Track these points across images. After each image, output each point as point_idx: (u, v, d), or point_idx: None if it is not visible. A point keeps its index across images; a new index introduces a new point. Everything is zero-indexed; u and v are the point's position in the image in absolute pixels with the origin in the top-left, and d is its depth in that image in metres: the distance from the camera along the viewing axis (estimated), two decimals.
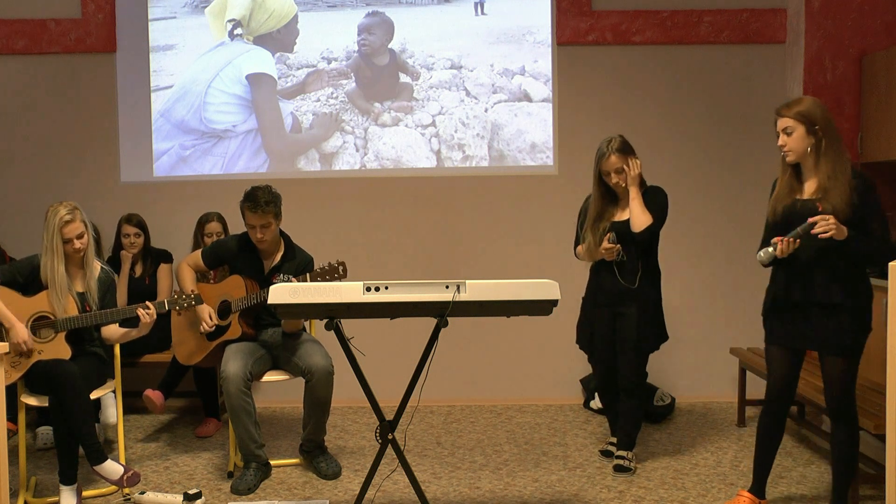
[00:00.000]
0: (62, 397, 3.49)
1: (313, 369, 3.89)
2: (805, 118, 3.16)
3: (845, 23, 5.00)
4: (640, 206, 3.84)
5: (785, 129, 3.20)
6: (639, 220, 3.83)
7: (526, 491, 3.81)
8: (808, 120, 3.16)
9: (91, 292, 3.78)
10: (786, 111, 3.20)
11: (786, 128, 3.19)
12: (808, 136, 3.17)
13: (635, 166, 3.87)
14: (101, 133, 5.38)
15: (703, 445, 4.43)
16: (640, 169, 3.88)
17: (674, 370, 5.27)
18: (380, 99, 5.36)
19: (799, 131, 3.17)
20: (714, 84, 5.30)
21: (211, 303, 4.11)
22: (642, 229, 3.82)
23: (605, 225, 3.92)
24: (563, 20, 5.29)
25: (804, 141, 3.17)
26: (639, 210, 3.83)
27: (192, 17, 5.39)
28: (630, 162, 3.87)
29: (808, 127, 3.16)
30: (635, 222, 3.84)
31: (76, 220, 3.68)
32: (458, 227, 5.38)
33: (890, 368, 2.67)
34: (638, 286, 3.90)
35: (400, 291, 2.99)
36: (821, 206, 3.13)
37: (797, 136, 3.17)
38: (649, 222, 3.83)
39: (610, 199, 3.98)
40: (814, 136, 3.16)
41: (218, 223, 4.99)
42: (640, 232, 3.82)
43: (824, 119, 3.17)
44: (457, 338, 4.39)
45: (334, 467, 4.02)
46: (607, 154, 3.86)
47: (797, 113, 3.17)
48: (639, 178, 3.88)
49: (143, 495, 3.66)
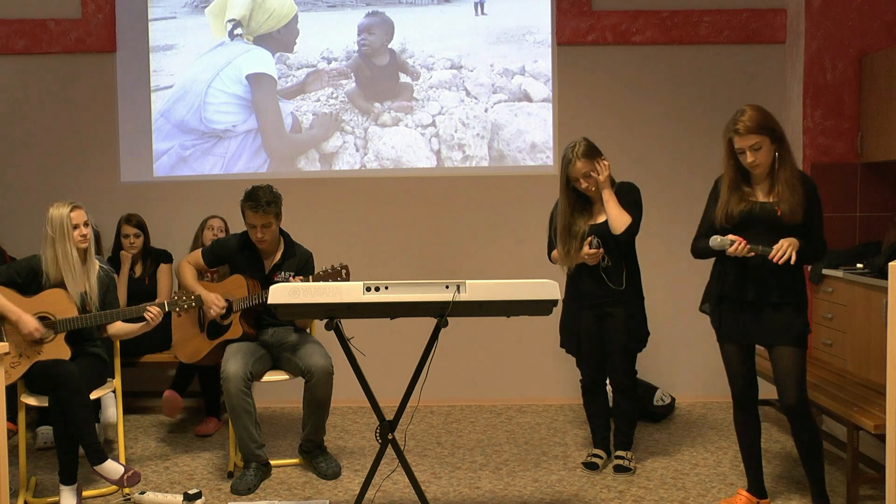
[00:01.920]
0: (62, 397, 3.49)
1: (313, 369, 3.89)
2: (768, 130, 3.22)
3: (845, 23, 5.00)
4: (616, 207, 3.80)
5: (752, 146, 3.21)
6: (618, 222, 3.79)
7: (526, 491, 3.81)
8: (770, 131, 3.23)
9: (91, 291, 3.78)
10: (748, 128, 3.20)
11: (753, 144, 3.21)
12: (773, 145, 3.24)
13: (604, 168, 3.82)
14: (101, 133, 5.38)
15: (703, 445, 4.43)
16: (608, 170, 3.84)
17: (674, 370, 5.27)
18: (380, 99, 5.36)
19: (766, 144, 3.22)
20: (714, 84, 5.30)
21: None
22: (623, 230, 3.79)
23: (582, 230, 3.85)
24: (563, 20, 5.29)
25: (771, 152, 3.24)
26: (616, 211, 3.79)
27: (192, 17, 5.39)
28: (598, 165, 3.82)
29: (771, 138, 3.23)
30: (615, 224, 3.79)
31: (81, 208, 3.75)
32: (458, 227, 5.38)
33: (890, 368, 2.67)
34: (624, 287, 3.87)
35: (400, 291, 2.99)
36: (779, 209, 3.22)
37: (765, 150, 3.23)
38: (629, 222, 3.79)
39: (582, 205, 3.91)
40: (776, 144, 3.24)
41: (221, 221, 5.01)
42: (622, 233, 3.79)
43: (777, 124, 3.26)
44: (457, 338, 4.39)
45: (334, 467, 4.03)
46: (573, 160, 3.80)
47: (760, 127, 3.20)
48: (609, 180, 3.84)
49: (143, 495, 3.66)
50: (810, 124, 5.05)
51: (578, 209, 3.90)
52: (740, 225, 3.29)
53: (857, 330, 4.48)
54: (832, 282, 4.75)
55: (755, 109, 3.25)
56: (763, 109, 3.27)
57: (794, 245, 3.16)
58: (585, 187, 3.84)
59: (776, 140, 3.24)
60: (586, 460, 4.10)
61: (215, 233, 4.94)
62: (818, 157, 5.05)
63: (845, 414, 3.50)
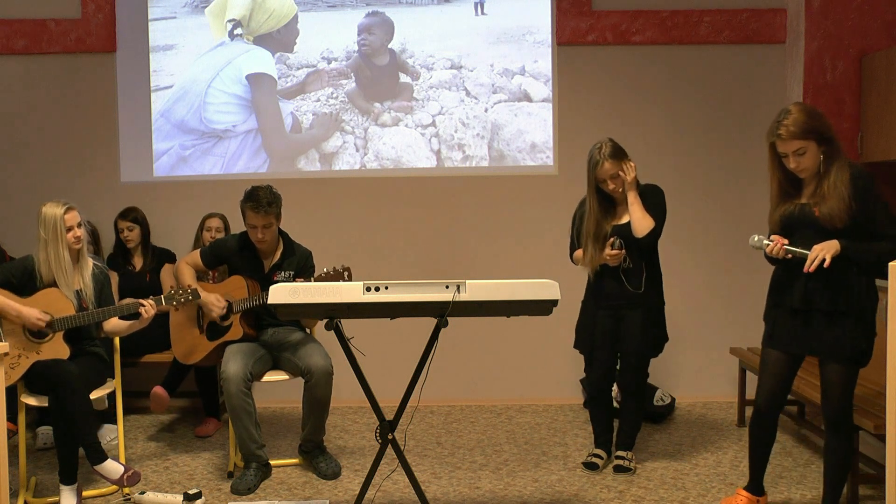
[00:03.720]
0: (62, 397, 3.49)
1: (313, 369, 3.89)
2: (814, 133, 3.06)
3: (845, 23, 5.00)
4: (640, 210, 3.77)
5: (796, 151, 3.07)
6: (641, 225, 3.76)
7: (526, 491, 3.81)
8: (817, 134, 3.07)
9: (86, 289, 3.78)
10: (792, 133, 3.05)
11: (797, 150, 3.07)
12: (819, 147, 3.08)
13: (630, 170, 3.80)
14: (101, 133, 5.38)
15: (703, 445, 4.43)
16: (635, 172, 3.81)
17: (674, 370, 5.27)
18: (380, 99, 5.36)
19: (811, 149, 3.07)
20: (714, 84, 5.30)
21: None
22: (646, 234, 3.75)
23: (605, 231, 3.83)
24: (563, 20, 5.29)
25: (817, 155, 3.09)
26: (640, 214, 3.76)
27: (192, 17, 5.39)
28: (625, 166, 3.79)
29: (818, 141, 3.08)
30: (637, 227, 3.76)
31: (74, 210, 3.74)
32: (458, 227, 5.38)
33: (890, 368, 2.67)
34: (643, 290, 3.85)
35: (400, 291, 2.99)
36: (817, 210, 3.09)
37: (811, 154, 3.08)
38: (652, 226, 3.76)
39: (607, 205, 3.90)
40: (824, 146, 3.09)
41: (219, 220, 5.00)
42: (644, 237, 3.76)
43: (825, 125, 3.10)
44: (457, 338, 4.39)
45: (334, 467, 4.02)
46: (601, 161, 3.77)
47: (804, 131, 3.05)
48: (635, 183, 3.82)
49: (143, 495, 3.66)
50: None
51: (602, 210, 3.87)
52: (786, 229, 3.17)
53: None
54: None
55: (801, 111, 3.09)
56: (809, 109, 3.11)
57: (832, 249, 2.99)
58: (613, 188, 3.81)
59: (823, 142, 3.07)
60: (586, 460, 4.09)
61: (213, 234, 4.93)
62: None
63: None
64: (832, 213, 3.05)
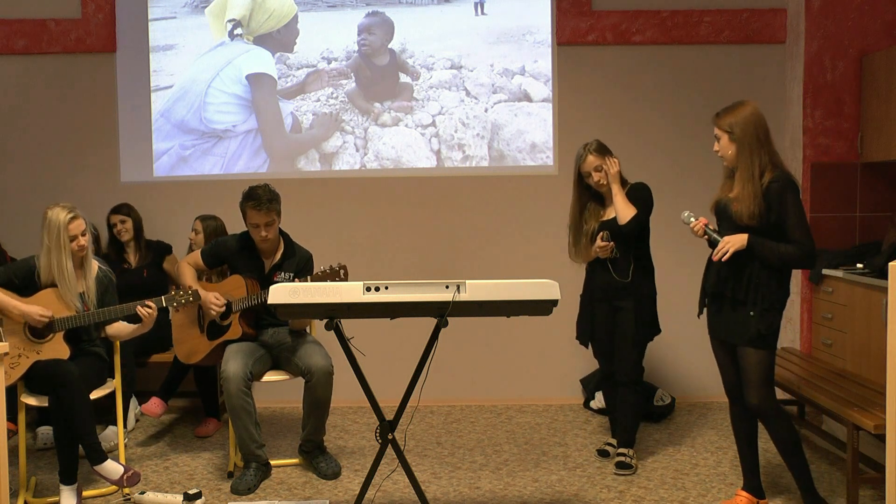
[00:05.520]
0: (62, 397, 3.49)
1: (313, 369, 3.89)
2: (727, 126, 3.29)
3: (845, 23, 5.00)
4: (623, 199, 3.94)
5: (715, 135, 3.36)
6: (623, 213, 3.92)
7: (526, 491, 3.81)
8: (729, 129, 3.29)
9: (89, 292, 3.78)
10: (716, 119, 3.35)
11: (715, 134, 3.36)
12: (731, 143, 3.30)
13: (613, 164, 3.97)
14: (101, 133, 5.38)
15: (703, 445, 4.43)
16: (618, 167, 3.98)
17: (674, 370, 5.27)
18: (380, 99, 5.36)
19: (724, 139, 3.32)
20: (714, 84, 5.30)
21: None
22: (628, 220, 3.90)
23: (592, 227, 4.02)
24: (563, 20, 5.29)
25: (728, 147, 3.31)
26: (622, 204, 3.93)
27: (192, 17, 5.39)
28: (608, 160, 3.97)
29: (729, 135, 3.30)
30: (620, 215, 3.92)
31: (79, 218, 3.72)
32: (458, 227, 5.38)
33: (890, 368, 2.67)
34: (631, 280, 3.98)
35: (400, 291, 2.99)
36: (734, 206, 3.29)
37: (723, 144, 3.33)
38: (633, 213, 3.91)
39: (595, 202, 4.08)
40: (735, 143, 3.29)
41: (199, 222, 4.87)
42: (627, 223, 3.91)
43: (744, 125, 3.26)
44: (457, 338, 4.39)
45: (334, 467, 4.03)
46: (584, 155, 3.98)
47: (721, 121, 3.32)
48: (618, 176, 3.97)
49: (143, 495, 3.66)
50: (810, 124, 5.05)
51: (590, 207, 4.07)
52: (717, 216, 3.42)
53: (857, 330, 4.48)
54: (832, 282, 4.75)
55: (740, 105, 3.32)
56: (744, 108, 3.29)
57: (737, 244, 3.21)
58: (597, 181, 3.98)
59: (734, 140, 3.28)
60: (601, 447, 4.27)
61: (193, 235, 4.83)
62: (818, 157, 5.05)
63: (845, 414, 3.50)
64: (741, 213, 3.25)
